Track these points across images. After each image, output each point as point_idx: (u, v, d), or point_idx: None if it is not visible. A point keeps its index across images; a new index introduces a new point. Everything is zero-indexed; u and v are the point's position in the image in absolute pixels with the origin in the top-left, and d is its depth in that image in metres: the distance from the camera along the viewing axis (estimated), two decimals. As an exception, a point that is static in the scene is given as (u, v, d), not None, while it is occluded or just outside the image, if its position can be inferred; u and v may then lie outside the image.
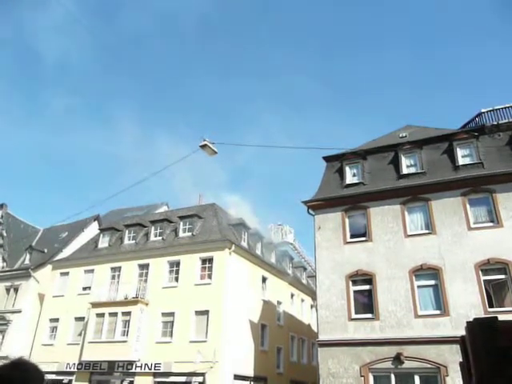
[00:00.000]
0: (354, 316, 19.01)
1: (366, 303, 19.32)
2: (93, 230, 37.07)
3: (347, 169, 22.80)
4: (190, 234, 29.15)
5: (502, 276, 17.53)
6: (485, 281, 17.63)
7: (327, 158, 23.89)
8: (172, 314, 26.00)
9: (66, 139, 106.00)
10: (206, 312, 25.03)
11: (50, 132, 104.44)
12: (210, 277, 26.09)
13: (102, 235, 33.31)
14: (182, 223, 29.97)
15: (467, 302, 17.22)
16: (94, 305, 27.95)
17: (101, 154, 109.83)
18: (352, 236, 20.67)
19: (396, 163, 21.86)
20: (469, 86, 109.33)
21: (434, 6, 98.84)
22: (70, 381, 27.41)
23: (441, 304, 17.84)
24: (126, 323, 26.43)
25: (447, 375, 16.41)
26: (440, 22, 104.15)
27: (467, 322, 2.26)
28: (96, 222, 38.57)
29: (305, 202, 21.89)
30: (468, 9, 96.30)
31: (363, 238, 20.31)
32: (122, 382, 26.00)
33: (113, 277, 29.54)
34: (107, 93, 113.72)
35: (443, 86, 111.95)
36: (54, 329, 30.15)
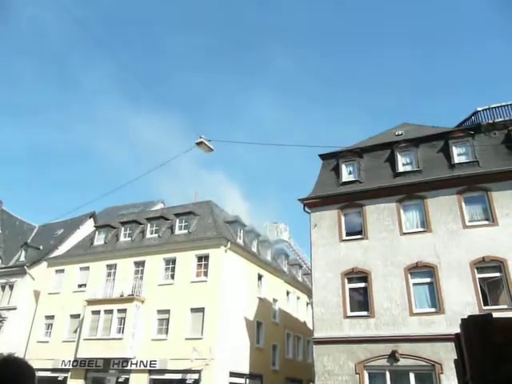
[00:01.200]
0: (349, 313, 19.05)
1: (361, 301, 19.36)
2: (88, 227, 36.96)
3: (343, 167, 22.80)
4: (185, 231, 29.11)
5: (497, 274, 17.60)
6: (480, 279, 17.70)
7: (323, 156, 23.90)
8: (168, 312, 25.97)
9: (62, 136, 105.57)
10: (201, 309, 25.01)
11: (46, 129, 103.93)
12: (205, 274, 26.08)
13: (97, 232, 33.21)
14: (177, 220, 29.92)
15: (462, 300, 17.28)
16: (90, 302, 27.88)
17: (98, 152, 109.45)
18: (348, 234, 20.69)
19: (392, 161, 21.89)
20: (465, 84, 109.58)
21: (432, 5, 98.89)
22: (65, 378, 27.35)
23: (436, 302, 17.90)
24: (122, 320, 26.39)
25: (442, 373, 16.48)
26: (438, 21, 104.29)
27: (462, 319, 2.26)
28: (92, 219, 38.46)
29: (301, 200, 21.89)
30: (467, 7, 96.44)
31: (359, 236, 20.34)
32: (117, 379, 25.95)
33: (108, 274, 29.47)
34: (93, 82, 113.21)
35: (440, 85, 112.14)
36: (49, 326, 30.06)
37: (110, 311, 26.92)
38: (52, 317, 29.99)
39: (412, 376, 17.10)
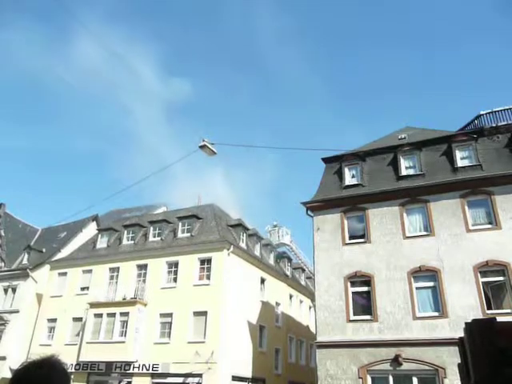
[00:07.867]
0: (352, 317, 19.00)
1: (364, 304, 19.32)
2: (91, 230, 37.01)
3: (346, 170, 22.80)
4: (188, 234, 29.12)
5: (501, 278, 17.55)
6: (483, 283, 17.65)
7: (326, 160, 23.90)
8: (170, 315, 25.95)
9: (66, 140, 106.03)
10: (204, 313, 24.98)
11: (50, 131, 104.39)
12: (208, 277, 26.06)
13: (100, 235, 33.25)
14: (180, 224, 29.93)
15: (466, 304, 17.22)
16: (92, 305, 27.88)
17: (100, 153, 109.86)
18: (351, 237, 20.67)
19: (395, 165, 21.87)
20: (468, 88, 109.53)
21: (433, 6, 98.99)
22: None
23: (439, 306, 17.85)
24: (124, 324, 26.38)
25: (445, 377, 16.41)
26: (440, 23, 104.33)
27: (465, 323, 2.26)
28: (94, 222, 38.50)
29: (304, 203, 21.89)
30: (468, 9, 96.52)
31: (362, 240, 20.31)
32: (119, 382, 25.94)
33: (111, 277, 29.48)
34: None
35: (443, 88, 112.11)
36: (51, 329, 30.06)
37: (112, 314, 26.91)
38: (54, 320, 29.99)
39: (415, 380, 17.04)
